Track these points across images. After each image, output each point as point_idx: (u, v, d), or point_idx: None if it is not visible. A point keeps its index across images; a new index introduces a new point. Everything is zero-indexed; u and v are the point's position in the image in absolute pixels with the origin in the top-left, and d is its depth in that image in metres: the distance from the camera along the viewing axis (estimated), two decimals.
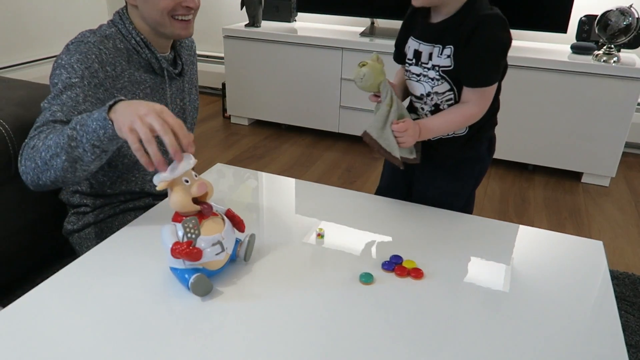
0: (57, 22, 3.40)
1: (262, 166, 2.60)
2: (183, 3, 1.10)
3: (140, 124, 0.79)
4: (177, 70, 1.25)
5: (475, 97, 1.05)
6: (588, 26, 2.53)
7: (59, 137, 0.91)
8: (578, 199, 2.36)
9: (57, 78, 1.04)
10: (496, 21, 1.00)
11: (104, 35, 1.11)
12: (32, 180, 0.97)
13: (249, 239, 0.86)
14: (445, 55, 1.04)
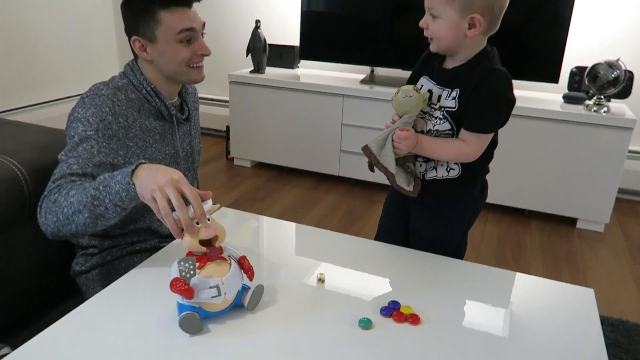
0: (69, 65, 3.52)
1: (265, 208, 2.65)
2: (198, 52, 1.20)
3: (160, 196, 0.87)
4: (184, 116, 1.33)
5: (472, 139, 1.11)
6: (579, 77, 2.64)
7: (81, 195, 0.97)
8: (573, 245, 2.40)
9: (73, 131, 1.11)
10: (504, 77, 1.09)
11: (117, 86, 1.19)
12: (52, 232, 1.03)
13: (255, 289, 0.89)
14: (451, 97, 1.11)
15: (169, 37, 1.16)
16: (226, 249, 0.89)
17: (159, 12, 1.14)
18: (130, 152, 1.18)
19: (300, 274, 1.03)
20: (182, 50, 1.18)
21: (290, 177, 3.10)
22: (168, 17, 1.15)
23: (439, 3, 1.05)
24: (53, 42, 3.37)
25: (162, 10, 1.14)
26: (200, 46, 1.20)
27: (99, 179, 0.98)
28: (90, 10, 3.62)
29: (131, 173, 0.93)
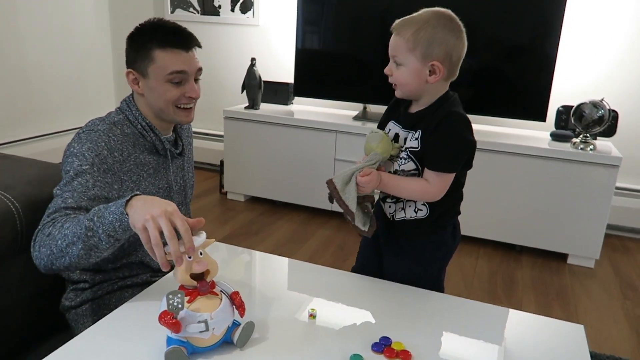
0: (66, 99, 3.57)
1: (258, 242, 2.65)
2: (186, 94, 1.22)
3: (152, 226, 0.87)
4: (178, 150, 1.35)
5: (434, 178, 1.15)
6: (565, 115, 2.71)
7: (75, 227, 0.98)
8: (564, 280, 2.41)
9: (69, 166, 1.13)
10: (463, 119, 1.15)
11: (112, 122, 1.21)
12: (46, 265, 1.03)
13: (245, 325, 0.88)
14: (414, 138, 1.17)
15: (159, 75, 1.19)
16: (219, 283, 0.89)
17: (155, 50, 1.18)
18: (124, 186, 1.19)
19: (292, 310, 1.04)
20: (171, 90, 1.20)
21: (283, 211, 3.11)
22: (162, 56, 1.18)
23: (401, 52, 1.12)
24: (51, 76, 3.42)
25: (157, 49, 1.17)
26: (190, 89, 1.22)
27: (93, 210, 0.99)
28: (88, 46, 3.70)
29: (125, 204, 0.94)
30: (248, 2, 3.44)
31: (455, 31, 1.12)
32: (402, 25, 1.12)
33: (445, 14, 1.12)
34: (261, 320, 0.98)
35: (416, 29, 1.09)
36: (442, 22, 1.10)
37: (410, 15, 1.13)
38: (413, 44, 1.10)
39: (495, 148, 2.55)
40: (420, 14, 1.13)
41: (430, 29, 1.09)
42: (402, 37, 1.11)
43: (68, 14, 3.48)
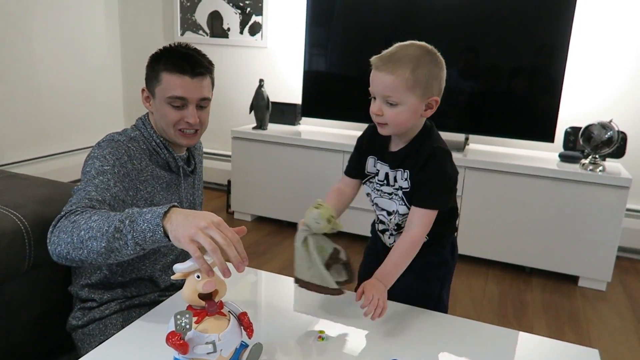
0: (75, 119, 3.61)
1: (265, 262, 2.63)
2: (184, 119, 1.23)
3: (203, 237, 0.83)
4: (190, 168, 1.36)
5: (419, 217, 1.13)
6: (574, 137, 2.70)
7: (104, 223, 0.95)
8: (576, 303, 2.37)
9: (89, 167, 1.14)
10: (448, 155, 1.16)
11: (130, 137, 1.24)
12: (60, 253, 0.99)
13: (253, 347, 0.87)
14: (404, 178, 1.16)
15: (162, 97, 1.22)
16: (227, 304, 0.87)
17: (162, 72, 1.21)
18: (139, 195, 1.20)
19: (300, 331, 1.02)
20: (171, 113, 1.22)
21: (290, 231, 3.09)
22: (166, 79, 1.20)
23: (399, 91, 1.07)
24: (61, 97, 3.47)
25: (164, 71, 1.21)
26: (189, 114, 1.22)
27: (126, 212, 0.96)
28: (98, 67, 3.75)
29: (163, 215, 0.90)
30: (256, 24, 3.49)
31: (442, 64, 1.10)
32: (394, 63, 1.06)
33: (430, 48, 1.10)
34: (269, 341, 0.96)
35: (413, 67, 1.05)
36: (433, 58, 1.09)
37: (394, 52, 1.08)
38: (413, 82, 1.06)
39: (503, 169, 2.54)
40: (406, 50, 1.08)
41: (427, 65, 1.06)
42: (400, 77, 1.05)
43: (80, 36, 3.55)
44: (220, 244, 0.83)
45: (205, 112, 1.28)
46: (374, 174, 1.25)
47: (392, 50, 1.08)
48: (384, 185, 1.22)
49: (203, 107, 1.27)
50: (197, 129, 1.27)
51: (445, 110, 2.86)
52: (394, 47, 1.09)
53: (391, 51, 1.08)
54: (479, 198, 2.63)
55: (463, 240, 2.70)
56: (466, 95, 2.79)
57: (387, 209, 1.23)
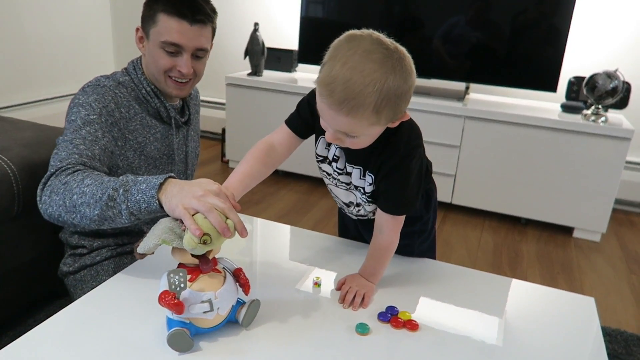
0: (62, 63, 3.49)
1: (259, 211, 2.62)
2: (177, 67, 1.16)
3: (197, 202, 0.78)
4: (184, 119, 1.30)
5: (387, 222, 0.98)
6: (577, 87, 2.64)
7: (97, 189, 0.90)
8: (570, 254, 2.39)
9: (74, 115, 1.08)
10: (414, 154, 0.95)
11: (118, 81, 1.17)
12: (52, 214, 0.95)
13: (251, 304, 0.83)
14: (367, 182, 0.99)
15: (156, 40, 1.14)
16: (221, 260, 0.84)
17: (159, 13, 1.12)
18: (127, 145, 1.14)
19: (296, 278, 1.01)
20: (164, 58, 1.14)
21: (285, 181, 3.07)
22: (163, 22, 1.12)
23: (361, 127, 0.83)
24: (48, 40, 3.34)
25: (161, 12, 1.12)
26: (181, 63, 1.15)
27: (120, 179, 0.91)
28: (86, 10, 3.60)
29: (159, 187, 0.86)
30: None
31: (409, 69, 0.81)
32: (350, 105, 0.78)
33: (394, 57, 0.79)
34: (265, 291, 0.95)
35: (376, 104, 0.78)
36: (397, 73, 0.79)
37: (346, 85, 0.77)
38: (376, 119, 0.81)
39: (503, 119, 2.49)
40: (362, 78, 0.77)
41: (392, 91, 0.78)
42: (360, 119, 0.80)
43: None
44: (220, 208, 0.79)
45: (201, 62, 1.19)
46: (326, 158, 1.04)
47: (344, 82, 0.77)
48: (342, 174, 1.03)
49: (199, 58, 1.18)
50: (190, 79, 1.19)
51: (445, 59, 2.78)
52: (344, 71, 0.78)
53: (343, 83, 0.77)
54: (477, 148, 2.59)
55: (459, 190, 2.69)
56: (468, 44, 2.70)
57: (344, 200, 1.09)
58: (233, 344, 0.80)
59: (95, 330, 0.80)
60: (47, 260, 1.40)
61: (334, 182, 1.06)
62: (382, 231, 0.99)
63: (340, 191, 1.07)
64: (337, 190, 1.08)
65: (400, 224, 1.00)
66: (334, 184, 1.07)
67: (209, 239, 0.76)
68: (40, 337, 0.78)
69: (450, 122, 2.59)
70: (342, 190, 1.06)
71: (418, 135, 0.97)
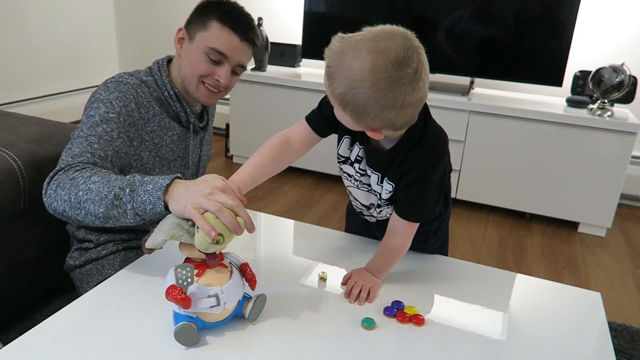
0: (67, 59, 3.50)
1: (264, 206, 2.62)
2: (215, 75, 1.16)
3: (206, 201, 0.78)
4: (202, 124, 1.30)
5: (402, 226, 0.97)
6: (582, 81, 2.62)
7: (104, 187, 0.90)
8: (575, 249, 2.38)
9: (94, 111, 1.07)
10: (437, 166, 0.92)
11: (141, 80, 1.17)
12: (57, 209, 0.95)
13: (258, 299, 0.83)
14: (386, 190, 0.97)
15: (202, 44, 1.14)
16: (227, 255, 0.84)
17: (213, 20, 1.14)
18: (143, 146, 1.14)
19: (302, 273, 1.01)
20: (204, 64, 1.15)
21: (289, 176, 3.07)
22: (215, 29, 1.14)
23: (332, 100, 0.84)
24: (52, 37, 3.35)
25: (216, 20, 1.14)
26: (221, 73, 1.16)
27: (127, 179, 0.90)
28: (90, 7, 3.60)
29: (165, 188, 0.85)
30: None
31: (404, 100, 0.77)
32: (329, 70, 0.81)
33: (404, 80, 0.75)
34: (270, 286, 0.95)
35: (341, 93, 0.79)
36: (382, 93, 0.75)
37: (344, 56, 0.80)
38: (342, 106, 0.82)
39: (508, 113, 2.48)
40: (358, 67, 0.77)
41: (357, 103, 0.77)
42: (331, 91, 0.83)
43: None
44: (229, 205, 0.79)
45: (235, 78, 1.21)
46: (348, 159, 1.01)
47: (339, 54, 0.81)
48: (364, 176, 1.01)
49: (235, 73, 1.20)
50: (221, 90, 1.20)
51: (450, 54, 2.77)
52: (350, 58, 0.79)
53: (339, 56, 0.81)
54: (482, 143, 2.58)
55: (464, 185, 2.68)
56: (473, 38, 2.68)
57: (364, 202, 1.07)
58: (239, 338, 0.80)
59: (102, 325, 0.81)
60: (53, 255, 1.41)
61: (355, 184, 1.05)
62: (395, 234, 0.98)
63: (360, 193, 1.06)
64: (357, 192, 1.06)
65: (414, 229, 0.99)
66: (355, 186, 1.05)
67: (222, 239, 0.76)
68: (47, 331, 0.79)
69: (454, 117, 2.58)
70: (364, 192, 1.05)
71: (443, 144, 0.94)
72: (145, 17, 3.74)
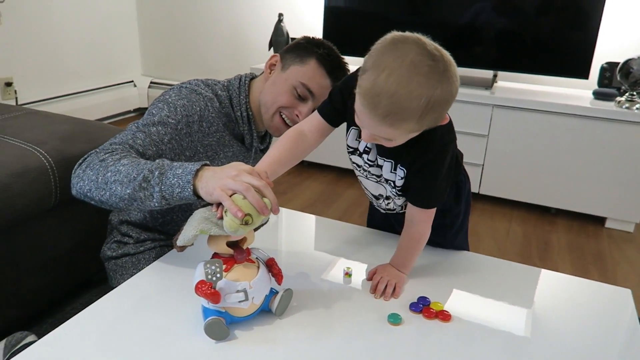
0: (91, 59, 3.57)
1: (285, 202, 2.64)
2: (295, 110, 1.17)
3: (233, 182, 0.80)
4: (262, 147, 1.30)
5: (419, 214, 0.98)
6: (610, 73, 2.56)
7: (132, 169, 0.91)
8: (602, 244, 2.34)
9: (157, 110, 1.09)
10: (448, 148, 0.94)
11: (215, 93, 1.17)
12: (82, 188, 0.96)
13: (284, 294, 0.84)
14: (398, 176, 0.97)
15: (293, 77, 1.15)
16: (254, 250, 0.85)
17: (312, 58, 1.15)
18: (196, 157, 1.15)
19: (325, 268, 1.02)
20: (288, 96, 1.16)
21: (310, 171, 3.08)
22: (312, 67, 1.15)
23: (400, 135, 0.83)
24: (77, 37, 3.42)
25: (315, 59, 1.15)
26: (302, 110, 1.16)
27: (157, 162, 0.92)
28: (113, 8, 3.66)
29: (195, 173, 0.86)
30: None
31: (453, 81, 0.78)
32: (394, 116, 0.77)
33: (440, 65, 0.76)
34: (295, 281, 0.96)
35: (420, 116, 0.77)
36: (443, 78, 0.77)
37: (392, 92, 0.75)
38: (418, 127, 0.81)
39: (532, 107, 2.44)
40: (407, 88, 0.75)
41: (435, 106, 0.77)
42: (401, 129, 0.80)
43: None
44: (256, 185, 0.80)
45: None
46: (356, 149, 1.03)
47: (389, 96, 0.75)
48: (373, 166, 1.02)
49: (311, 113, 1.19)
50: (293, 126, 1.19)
51: (473, 46, 2.73)
52: (389, 84, 0.75)
53: (388, 97, 0.75)
54: (506, 137, 2.55)
55: (487, 180, 2.65)
56: (495, 30, 2.64)
57: (373, 192, 1.08)
58: (267, 332, 0.81)
59: (133, 318, 0.83)
60: (83, 250, 1.45)
61: (365, 174, 1.06)
62: (414, 223, 0.99)
63: (370, 183, 1.07)
64: (367, 182, 1.08)
65: (432, 216, 0.99)
66: (365, 176, 1.07)
67: (250, 219, 0.77)
68: (81, 324, 0.81)
69: (477, 111, 2.55)
70: (372, 182, 1.06)
71: (451, 129, 0.95)
72: (167, 17, 3.78)
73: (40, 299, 1.42)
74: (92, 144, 1.39)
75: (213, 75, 1.46)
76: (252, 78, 1.25)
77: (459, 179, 1.12)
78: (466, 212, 1.18)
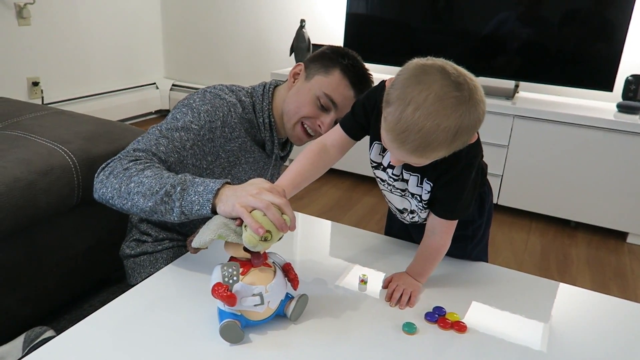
0: (116, 60, 3.63)
1: (302, 207, 2.65)
2: (318, 120, 1.17)
3: (253, 200, 0.81)
4: (283, 154, 1.31)
5: (441, 225, 0.98)
6: (635, 86, 2.52)
7: (155, 182, 0.92)
8: (623, 260, 2.29)
9: (180, 115, 1.10)
10: (476, 160, 0.93)
11: (239, 99, 1.17)
12: (104, 194, 0.97)
13: (300, 299, 0.84)
14: (425, 190, 0.97)
15: (316, 87, 1.15)
16: (271, 255, 0.86)
17: (336, 69, 1.15)
18: (217, 162, 1.16)
19: (342, 275, 1.02)
20: (311, 106, 1.16)
21: (328, 177, 3.08)
22: (336, 78, 1.15)
23: (429, 160, 0.84)
24: (102, 38, 3.49)
25: (340, 70, 1.15)
26: (324, 121, 1.16)
27: (180, 177, 0.93)
28: (138, 11, 3.73)
29: (215, 192, 0.87)
30: None
31: (480, 105, 0.78)
32: (423, 150, 0.78)
33: (466, 93, 0.76)
34: (310, 287, 0.96)
35: (449, 144, 0.78)
36: (470, 114, 0.77)
37: (420, 127, 0.75)
38: (448, 152, 0.81)
39: (554, 118, 2.41)
40: (436, 119, 0.74)
41: (464, 133, 0.78)
42: (431, 158, 0.82)
43: None
44: (277, 203, 0.81)
45: None
46: (380, 164, 1.02)
47: (417, 131, 0.75)
48: (398, 180, 1.01)
49: (333, 125, 1.19)
50: (315, 136, 1.21)
51: (495, 56, 2.72)
52: (416, 118, 0.75)
53: (417, 132, 0.75)
54: (526, 148, 2.52)
55: (506, 191, 2.62)
56: (519, 40, 2.62)
57: (398, 206, 1.08)
58: (282, 337, 0.81)
59: (150, 317, 0.84)
60: (103, 248, 1.47)
61: (389, 188, 1.05)
62: (435, 233, 0.98)
63: (394, 197, 1.06)
64: (391, 196, 1.07)
65: (453, 227, 0.98)
66: (389, 190, 1.06)
67: (269, 236, 0.78)
68: (98, 322, 0.82)
69: (498, 121, 2.53)
70: (397, 196, 1.05)
71: (478, 143, 0.94)
72: (190, 22, 3.83)
73: (59, 295, 1.45)
74: (114, 144, 1.42)
75: (234, 80, 1.47)
76: (276, 86, 1.25)
77: (483, 190, 1.12)
78: (488, 223, 1.17)
